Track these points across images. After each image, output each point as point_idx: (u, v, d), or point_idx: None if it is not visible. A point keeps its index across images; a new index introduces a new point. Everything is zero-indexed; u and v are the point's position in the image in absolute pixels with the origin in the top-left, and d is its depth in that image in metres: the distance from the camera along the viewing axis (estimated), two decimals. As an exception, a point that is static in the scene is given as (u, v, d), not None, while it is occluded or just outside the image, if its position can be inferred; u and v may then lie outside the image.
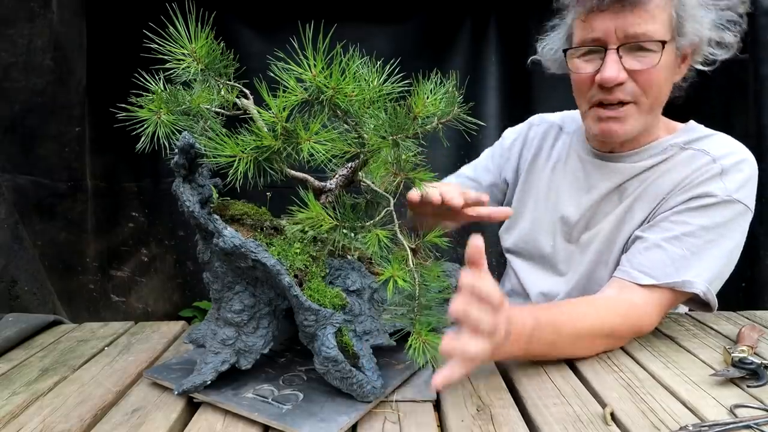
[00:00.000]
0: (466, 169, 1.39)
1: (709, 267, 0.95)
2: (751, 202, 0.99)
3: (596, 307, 0.93)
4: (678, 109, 1.15)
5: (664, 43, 0.95)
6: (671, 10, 0.96)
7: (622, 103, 1.00)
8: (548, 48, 1.13)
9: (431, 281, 0.74)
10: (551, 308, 0.91)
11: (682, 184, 1.01)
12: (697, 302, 0.99)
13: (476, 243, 0.68)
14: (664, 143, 1.07)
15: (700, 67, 1.04)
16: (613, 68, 0.96)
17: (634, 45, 0.96)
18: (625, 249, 1.05)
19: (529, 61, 1.19)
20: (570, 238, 1.16)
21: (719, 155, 1.00)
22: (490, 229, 1.51)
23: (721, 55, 1.02)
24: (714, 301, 0.96)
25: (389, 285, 0.70)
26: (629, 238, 1.06)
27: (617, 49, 0.96)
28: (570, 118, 1.27)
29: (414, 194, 0.91)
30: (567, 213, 1.16)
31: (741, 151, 1.02)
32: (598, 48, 0.99)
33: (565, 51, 1.06)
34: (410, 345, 0.71)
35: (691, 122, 1.11)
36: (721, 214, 0.96)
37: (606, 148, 1.12)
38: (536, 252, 1.21)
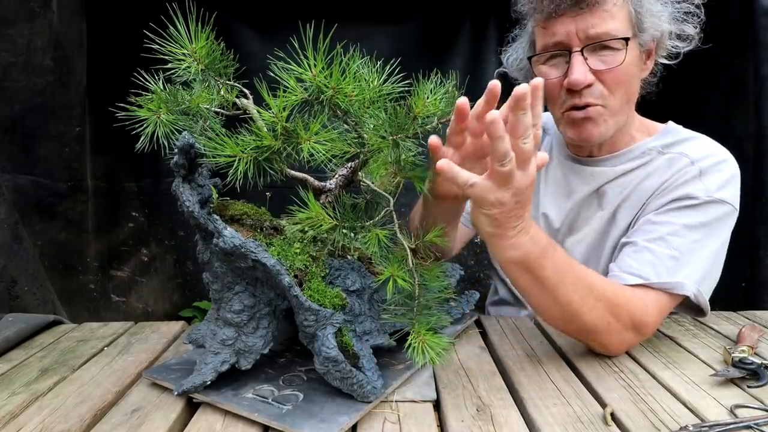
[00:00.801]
0: None
1: (698, 268, 0.93)
2: (735, 202, 0.98)
3: (606, 279, 0.90)
4: (678, 109, 1.15)
5: (627, 39, 0.95)
6: (629, 7, 0.96)
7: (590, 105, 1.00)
8: (513, 58, 1.13)
9: (431, 281, 0.74)
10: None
11: (662, 188, 1.00)
12: (688, 307, 0.96)
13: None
14: (642, 147, 1.07)
15: (664, 60, 1.05)
16: (580, 70, 0.96)
17: (597, 45, 0.96)
18: (613, 258, 1.04)
19: (495, 73, 1.19)
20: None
21: (697, 157, 1.00)
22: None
23: (684, 47, 1.03)
24: (706, 305, 0.94)
25: (389, 284, 0.70)
26: (616, 246, 1.05)
27: (581, 51, 0.96)
28: (549, 118, 1.27)
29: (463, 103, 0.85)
30: (550, 217, 1.16)
31: (720, 152, 1.01)
32: (562, 52, 0.99)
33: (530, 59, 1.06)
34: (409, 344, 0.71)
35: (671, 123, 1.10)
36: (704, 213, 0.95)
37: (584, 153, 1.12)
38: None
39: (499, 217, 0.71)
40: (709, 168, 0.98)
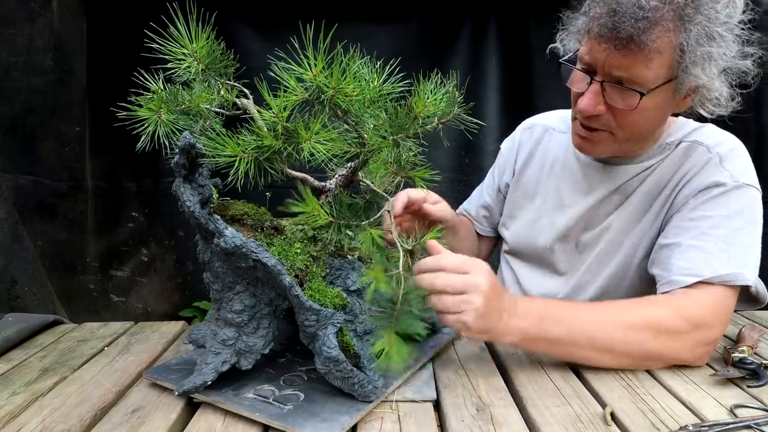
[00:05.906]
0: (477, 194, 1.41)
1: (749, 256, 0.93)
2: (758, 184, 0.98)
3: (634, 301, 0.88)
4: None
5: (642, 94, 0.91)
6: (674, 51, 0.89)
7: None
8: (572, 29, 1.04)
9: (415, 289, 0.73)
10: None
11: (684, 177, 1.00)
12: (743, 299, 0.95)
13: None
14: (662, 142, 1.07)
15: (702, 111, 0.99)
16: (590, 101, 0.95)
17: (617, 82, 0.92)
18: (651, 260, 1.01)
19: (548, 48, 1.09)
20: (568, 237, 1.16)
21: (712, 144, 1.01)
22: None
23: (718, 111, 0.98)
24: (764, 293, 0.94)
25: (370, 287, 0.70)
26: (641, 238, 1.05)
27: (602, 83, 0.93)
28: (563, 118, 1.26)
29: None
30: (566, 213, 1.16)
31: (730, 138, 1.03)
32: (588, 71, 0.96)
33: (560, 63, 1.02)
34: (379, 348, 0.69)
35: (681, 118, 1.10)
36: (737, 200, 0.95)
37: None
38: (533, 252, 1.21)
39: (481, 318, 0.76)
40: (727, 154, 0.99)
